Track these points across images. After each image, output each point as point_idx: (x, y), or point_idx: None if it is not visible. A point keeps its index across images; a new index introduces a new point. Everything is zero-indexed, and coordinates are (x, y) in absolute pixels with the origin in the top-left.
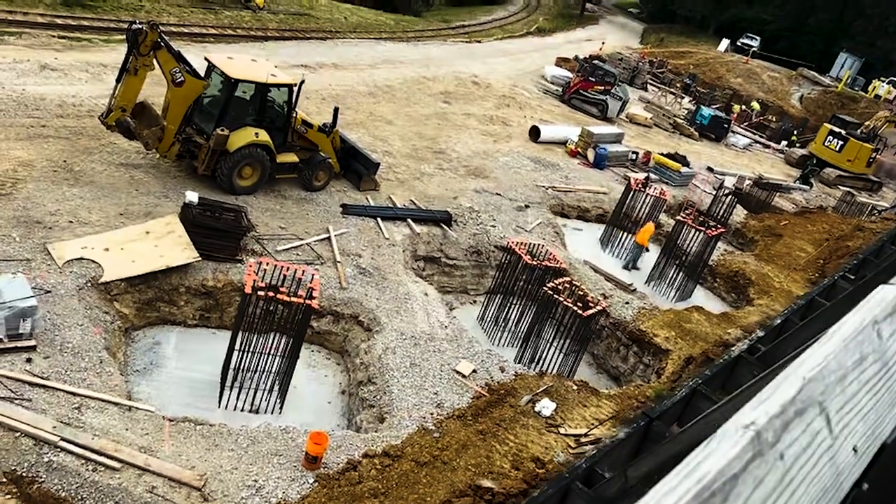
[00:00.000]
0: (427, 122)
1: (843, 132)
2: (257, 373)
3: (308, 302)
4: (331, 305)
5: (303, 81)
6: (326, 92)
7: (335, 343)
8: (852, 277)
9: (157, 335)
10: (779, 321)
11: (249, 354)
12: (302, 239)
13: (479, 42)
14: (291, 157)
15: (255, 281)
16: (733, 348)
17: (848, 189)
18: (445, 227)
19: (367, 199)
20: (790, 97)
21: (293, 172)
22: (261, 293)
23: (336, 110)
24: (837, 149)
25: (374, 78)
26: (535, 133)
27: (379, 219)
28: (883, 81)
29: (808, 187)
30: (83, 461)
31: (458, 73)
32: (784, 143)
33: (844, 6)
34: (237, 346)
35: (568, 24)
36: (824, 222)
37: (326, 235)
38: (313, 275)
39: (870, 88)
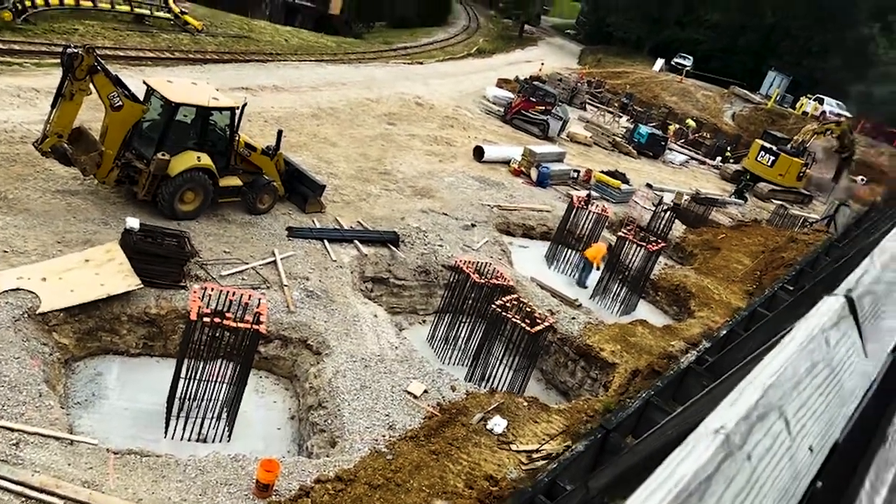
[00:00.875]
0: (372, 144)
1: (774, 148)
2: (204, 401)
3: (255, 327)
4: (278, 330)
5: (245, 104)
6: (269, 114)
7: (284, 368)
8: (791, 288)
9: (99, 366)
10: (724, 332)
11: (196, 382)
12: (247, 263)
13: (421, 63)
14: (235, 181)
15: (199, 307)
16: (682, 360)
17: (780, 202)
18: (393, 248)
19: (313, 221)
20: (723, 114)
21: (237, 196)
22: (206, 319)
23: (279, 133)
24: (769, 164)
25: (317, 100)
26: (479, 153)
27: (326, 241)
28: (810, 98)
29: (743, 201)
30: (23, 499)
31: (402, 95)
32: (719, 159)
33: (772, 28)
34: (183, 374)
35: (507, 45)
36: (759, 235)
37: (272, 259)
38: (260, 299)
39: (798, 105)
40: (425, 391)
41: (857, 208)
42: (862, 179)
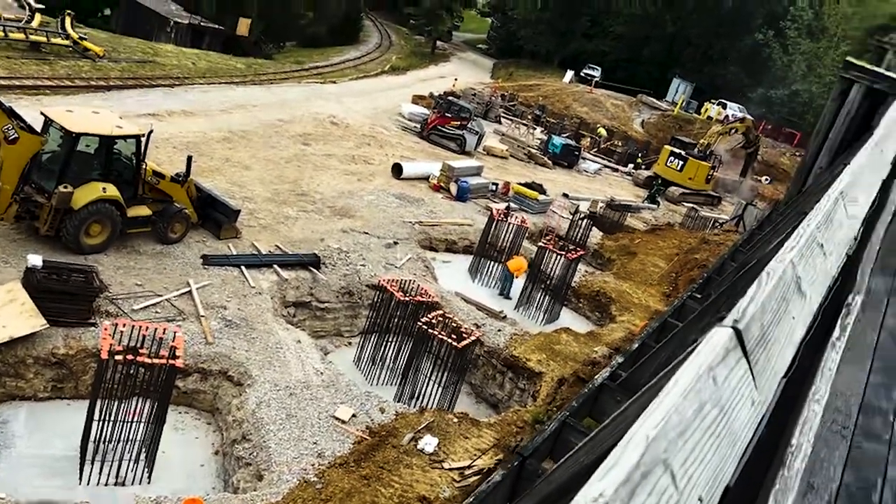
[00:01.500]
0: (287, 165)
1: (682, 153)
2: (121, 442)
3: (171, 362)
4: (197, 363)
5: (151, 131)
6: (178, 140)
7: (205, 402)
8: (699, 297)
9: (4, 413)
10: (636, 346)
11: (111, 423)
12: (161, 295)
13: (335, 82)
14: (144, 211)
15: (111, 344)
16: (596, 377)
17: (691, 205)
18: (314, 270)
19: (228, 247)
20: (633, 122)
21: (147, 226)
22: (119, 357)
23: (189, 159)
24: (679, 168)
25: (229, 123)
26: (397, 170)
27: (243, 267)
28: (713, 103)
29: (656, 206)
30: None
31: (316, 115)
32: (631, 165)
33: (674, 38)
34: (96, 416)
35: (421, 62)
36: (673, 238)
37: (187, 289)
38: (175, 332)
39: (702, 111)
40: (353, 415)
41: (762, 207)
42: (766, 179)
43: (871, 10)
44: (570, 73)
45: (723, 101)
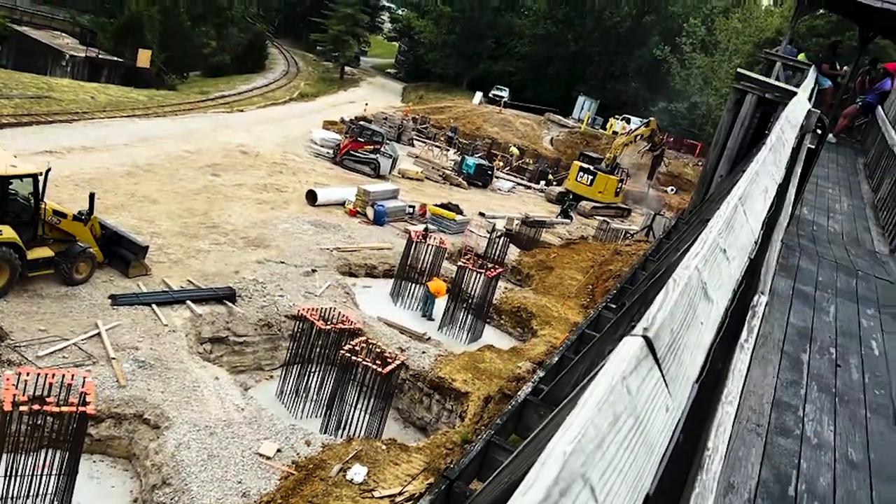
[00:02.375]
0: (196, 197)
1: (591, 167)
2: (30, 497)
3: (82, 409)
4: (110, 408)
5: (49, 169)
6: (79, 177)
7: (120, 448)
8: (614, 307)
9: None
10: (556, 359)
11: (18, 479)
12: (67, 339)
13: (242, 111)
14: (45, 252)
15: (14, 395)
16: (519, 393)
17: (603, 218)
18: (230, 304)
19: (138, 285)
20: (542, 140)
21: (49, 268)
22: (24, 408)
23: (92, 195)
24: (588, 183)
25: (132, 157)
26: (311, 197)
27: (154, 305)
28: (618, 118)
29: (569, 220)
30: None
31: (224, 144)
32: (543, 182)
33: (576, 56)
34: (2, 472)
35: (330, 87)
36: (587, 251)
37: (96, 331)
38: (85, 377)
39: (608, 126)
40: (278, 450)
41: (670, 217)
42: (672, 189)
43: (758, 24)
44: (479, 95)
45: (626, 115)
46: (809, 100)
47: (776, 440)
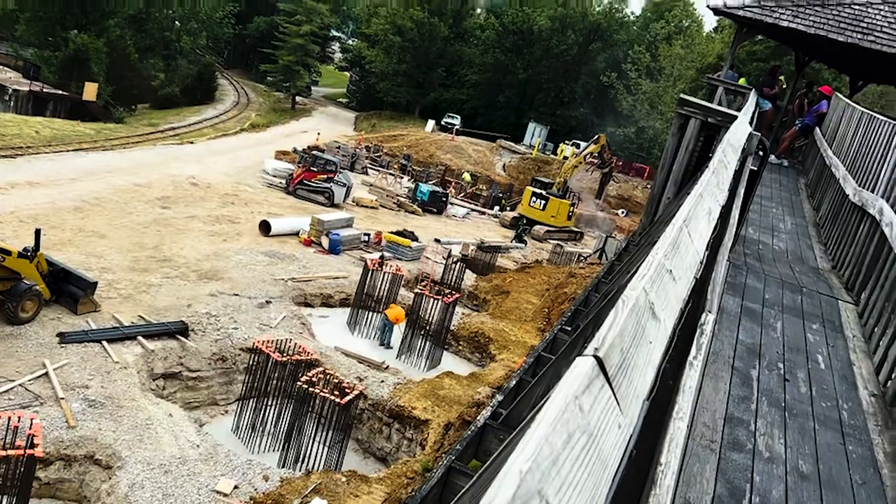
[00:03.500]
0: (146, 231)
1: (543, 192)
2: None
3: (29, 452)
4: (59, 450)
5: None
6: (24, 213)
7: (71, 491)
8: (569, 329)
9: None
10: (514, 382)
11: None
12: (13, 380)
13: (192, 143)
14: None
15: None
16: (479, 417)
17: (557, 241)
18: (182, 339)
19: (87, 322)
20: (495, 166)
21: None
22: None
23: (37, 232)
24: (541, 208)
25: (79, 191)
26: (265, 227)
27: (105, 342)
28: (568, 144)
29: (523, 245)
30: None
31: (174, 177)
32: (497, 208)
33: (526, 83)
34: None
35: (282, 118)
36: (542, 274)
37: (43, 371)
38: (32, 419)
39: (558, 151)
40: (236, 487)
41: (621, 239)
42: (623, 212)
43: (700, 50)
44: (431, 123)
45: (576, 141)
46: (751, 123)
47: (729, 455)
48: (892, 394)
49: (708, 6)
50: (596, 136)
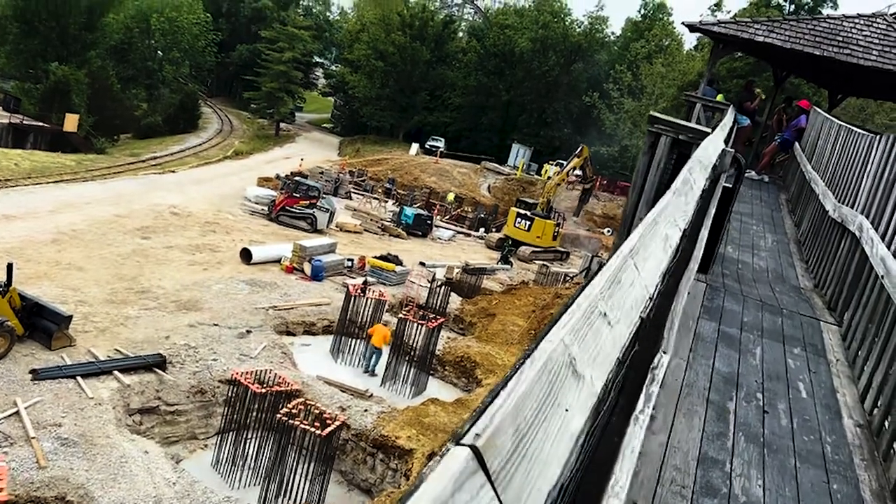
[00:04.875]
0: (125, 262)
1: (528, 213)
2: None
3: None
4: (28, 492)
5: None
6: None
7: None
8: None
9: None
10: None
11: None
12: None
13: (174, 172)
14: None
15: None
16: None
17: (542, 262)
18: (160, 372)
19: (62, 357)
20: (479, 188)
21: None
22: None
23: (10, 266)
24: (526, 228)
25: (57, 223)
26: (246, 255)
27: (79, 377)
28: (552, 164)
29: (509, 266)
30: None
31: (155, 206)
32: (482, 229)
33: (509, 105)
34: None
35: (265, 144)
36: (528, 295)
37: (14, 410)
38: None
39: (542, 172)
40: None
41: (606, 258)
42: (608, 230)
43: (681, 68)
44: (415, 146)
45: (560, 161)
46: (727, 140)
47: (703, 502)
48: (878, 423)
49: (683, 23)
50: (578, 149)
